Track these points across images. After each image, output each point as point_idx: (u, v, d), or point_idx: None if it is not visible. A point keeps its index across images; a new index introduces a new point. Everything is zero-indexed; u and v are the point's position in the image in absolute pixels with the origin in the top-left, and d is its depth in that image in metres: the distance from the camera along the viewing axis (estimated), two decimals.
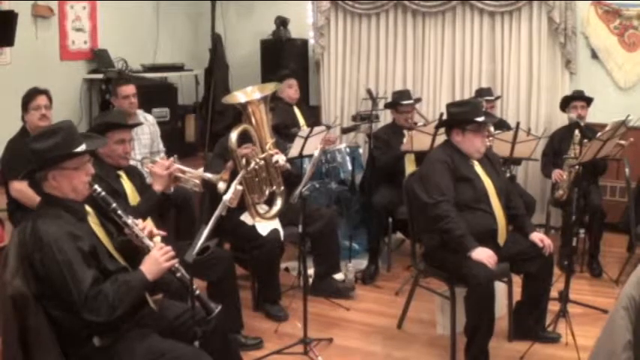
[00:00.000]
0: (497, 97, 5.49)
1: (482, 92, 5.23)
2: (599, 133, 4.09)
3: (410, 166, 4.74)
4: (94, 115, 5.77)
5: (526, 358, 3.48)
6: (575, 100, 4.99)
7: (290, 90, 5.36)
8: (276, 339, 3.75)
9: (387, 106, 5.13)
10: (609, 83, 5.58)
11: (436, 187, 3.41)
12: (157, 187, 3.39)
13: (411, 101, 4.96)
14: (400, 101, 4.91)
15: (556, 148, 5.04)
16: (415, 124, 4.84)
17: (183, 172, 3.51)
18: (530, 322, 3.62)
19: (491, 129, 4.59)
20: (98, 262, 2.38)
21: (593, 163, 4.22)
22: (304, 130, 4.42)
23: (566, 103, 5.05)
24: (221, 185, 3.46)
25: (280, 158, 3.87)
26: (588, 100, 4.97)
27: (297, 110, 5.43)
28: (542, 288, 3.54)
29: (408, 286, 4.05)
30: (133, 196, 3.40)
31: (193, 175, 3.53)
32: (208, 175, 3.53)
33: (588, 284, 4.58)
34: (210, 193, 3.78)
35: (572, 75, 5.65)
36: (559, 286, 3.84)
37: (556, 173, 4.84)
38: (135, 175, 3.54)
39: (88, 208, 2.54)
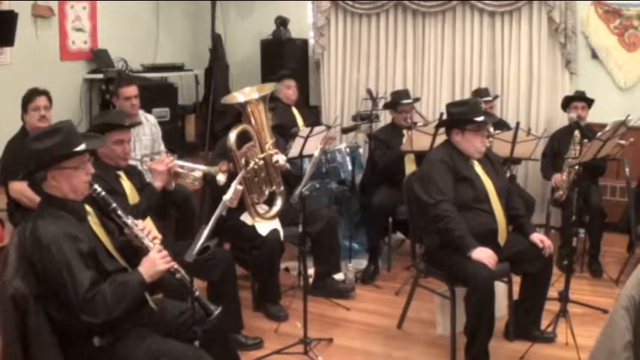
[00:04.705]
0: (496, 97, 5.49)
1: (479, 92, 5.23)
2: (599, 133, 4.09)
3: (410, 166, 4.74)
4: (94, 115, 5.77)
5: (526, 358, 3.48)
6: (576, 100, 4.99)
7: (288, 91, 5.35)
8: (276, 339, 3.74)
9: (386, 106, 5.13)
10: (609, 83, 5.57)
11: (436, 187, 3.40)
12: (157, 184, 3.40)
13: (410, 100, 4.96)
14: (399, 101, 4.92)
15: (556, 149, 5.04)
16: (415, 123, 4.84)
17: (182, 166, 3.52)
18: (526, 322, 3.62)
19: (491, 129, 4.60)
20: (97, 262, 2.38)
21: (591, 165, 4.22)
22: (304, 130, 4.42)
23: (567, 103, 5.06)
24: (220, 177, 3.46)
25: (280, 158, 3.88)
26: (589, 102, 4.97)
27: (295, 111, 5.42)
28: (540, 288, 3.54)
29: (408, 286, 4.05)
30: (132, 196, 3.40)
31: (192, 168, 3.54)
32: (206, 168, 3.52)
33: (588, 284, 4.58)
34: (212, 191, 3.78)
35: (572, 75, 5.65)
36: (559, 286, 3.84)
37: (556, 178, 4.83)
38: (134, 174, 3.54)
39: (88, 207, 2.54)
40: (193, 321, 2.50)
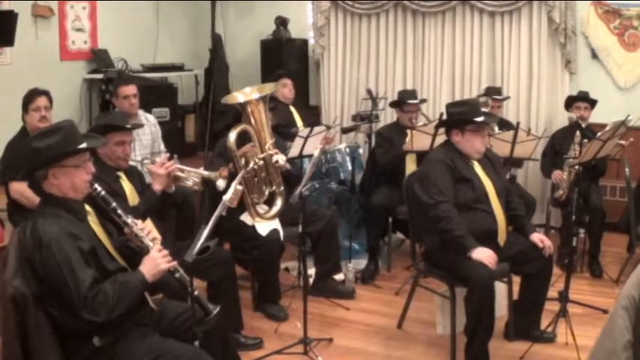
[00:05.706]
0: (506, 98, 5.46)
1: (490, 91, 5.22)
2: (599, 134, 4.09)
3: (411, 166, 4.73)
4: (94, 115, 5.78)
5: (526, 358, 3.48)
6: (579, 100, 4.98)
7: (284, 89, 5.36)
8: (276, 339, 3.74)
9: (392, 104, 5.11)
10: (609, 83, 5.57)
11: (436, 188, 3.40)
12: (157, 187, 3.40)
13: (416, 101, 4.96)
14: (406, 100, 4.91)
15: (556, 148, 5.04)
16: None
17: (182, 170, 3.52)
18: (526, 322, 3.62)
19: (496, 128, 4.59)
20: (97, 262, 2.38)
21: (591, 165, 4.22)
22: (304, 130, 4.42)
23: (570, 103, 5.05)
24: (220, 182, 3.47)
25: (280, 158, 3.87)
26: (592, 102, 4.97)
27: (293, 110, 5.43)
28: (540, 289, 3.54)
29: (408, 286, 4.05)
30: (132, 197, 3.41)
31: (192, 173, 3.54)
32: (207, 173, 3.53)
33: (588, 284, 4.58)
34: (211, 193, 3.79)
35: (572, 75, 5.65)
36: (559, 286, 3.84)
37: (556, 174, 4.84)
38: (134, 175, 3.54)
39: (87, 207, 2.54)
40: (193, 321, 2.51)
